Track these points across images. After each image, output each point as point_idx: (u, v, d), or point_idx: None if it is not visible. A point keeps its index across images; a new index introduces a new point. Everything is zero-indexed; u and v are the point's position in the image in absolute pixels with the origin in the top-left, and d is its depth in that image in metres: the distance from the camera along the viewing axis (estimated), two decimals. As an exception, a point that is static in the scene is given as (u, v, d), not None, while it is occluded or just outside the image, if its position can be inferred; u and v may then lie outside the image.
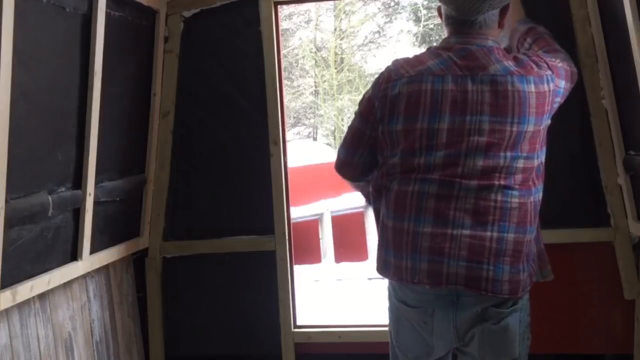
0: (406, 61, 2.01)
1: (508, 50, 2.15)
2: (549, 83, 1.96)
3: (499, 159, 1.90)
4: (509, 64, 1.94)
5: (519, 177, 1.92)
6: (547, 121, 1.99)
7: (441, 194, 1.91)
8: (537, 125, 1.94)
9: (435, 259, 1.90)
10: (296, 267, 3.31)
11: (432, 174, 1.93)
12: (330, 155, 11.29)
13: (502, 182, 1.90)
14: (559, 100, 2.04)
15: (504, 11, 2.01)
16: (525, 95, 1.90)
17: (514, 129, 1.89)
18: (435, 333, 2.00)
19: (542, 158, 2.02)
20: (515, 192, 1.91)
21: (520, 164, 1.92)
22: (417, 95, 1.93)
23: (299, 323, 3.24)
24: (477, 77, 1.91)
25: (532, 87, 1.92)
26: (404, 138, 1.97)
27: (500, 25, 2.03)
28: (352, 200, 7.89)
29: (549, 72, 1.98)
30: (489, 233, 1.89)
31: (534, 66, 1.96)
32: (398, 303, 2.07)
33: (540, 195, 2.02)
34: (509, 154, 1.90)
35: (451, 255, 1.89)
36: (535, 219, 1.99)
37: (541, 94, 1.93)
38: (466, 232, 1.89)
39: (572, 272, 2.96)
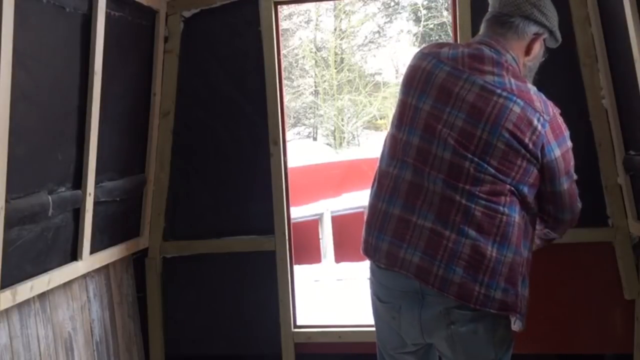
0: (436, 42, 2.10)
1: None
2: (543, 125, 1.90)
3: (465, 160, 1.89)
4: (510, 81, 1.93)
5: (486, 188, 1.89)
6: (525, 165, 1.91)
7: (414, 181, 1.94)
8: (510, 147, 1.88)
9: (395, 243, 1.95)
10: (296, 267, 3.32)
11: (409, 156, 1.96)
12: (330, 155, 11.31)
13: (467, 187, 1.89)
14: (541, 159, 1.92)
15: (537, 37, 2.02)
16: (506, 110, 1.88)
17: (483, 136, 1.88)
18: (402, 329, 2.03)
19: (527, 197, 1.95)
20: (482, 201, 1.89)
21: (488, 178, 1.89)
22: (416, 70, 2.00)
23: (299, 323, 3.24)
24: (472, 77, 1.92)
25: (518, 109, 1.89)
26: (399, 109, 2.04)
27: (528, 50, 2.02)
28: (352, 200, 7.88)
29: (547, 118, 1.92)
30: (447, 232, 1.89)
31: (535, 99, 1.93)
32: (374, 297, 2.12)
33: (518, 218, 1.93)
34: (475, 159, 1.88)
35: (410, 243, 1.92)
36: (510, 239, 1.90)
37: (525, 119, 1.89)
38: (428, 224, 1.91)
39: (572, 272, 2.97)
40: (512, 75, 1.95)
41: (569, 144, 2.00)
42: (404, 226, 1.93)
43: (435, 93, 1.94)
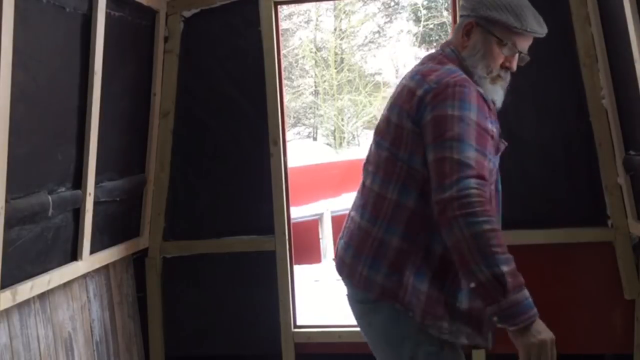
0: None
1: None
2: (426, 90, 1.83)
3: (378, 147, 1.96)
4: (427, 66, 1.94)
5: (383, 168, 1.91)
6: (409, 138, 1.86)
7: (363, 183, 2.04)
8: (398, 118, 1.87)
9: (340, 239, 2.08)
10: (296, 267, 3.32)
11: (366, 162, 2.07)
12: (330, 155, 11.31)
13: (376, 171, 1.95)
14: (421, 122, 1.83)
15: (466, 27, 1.95)
16: (404, 89, 1.92)
17: (388, 117, 1.94)
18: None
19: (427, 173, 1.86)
20: (377, 183, 1.93)
21: (384, 154, 1.92)
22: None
23: (299, 323, 3.24)
24: (407, 75, 1.99)
25: (412, 84, 1.89)
26: None
27: (463, 43, 1.95)
28: (352, 200, 7.88)
29: (433, 86, 1.82)
30: (358, 217, 1.98)
31: (432, 73, 1.86)
32: None
33: (414, 204, 1.85)
34: (378, 140, 1.96)
35: (344, 236, 2.04)
36: (399, 223, 1.85)
37: (412, 91, 1.86)
38: (355, 215, 2.01)
39: (572, 272, 2.97)
40: (439, 62, 1.93)
41: (453, 112, 1.77)
42: (347, 222, 2.06)
43: (390, 102, 2.03)
